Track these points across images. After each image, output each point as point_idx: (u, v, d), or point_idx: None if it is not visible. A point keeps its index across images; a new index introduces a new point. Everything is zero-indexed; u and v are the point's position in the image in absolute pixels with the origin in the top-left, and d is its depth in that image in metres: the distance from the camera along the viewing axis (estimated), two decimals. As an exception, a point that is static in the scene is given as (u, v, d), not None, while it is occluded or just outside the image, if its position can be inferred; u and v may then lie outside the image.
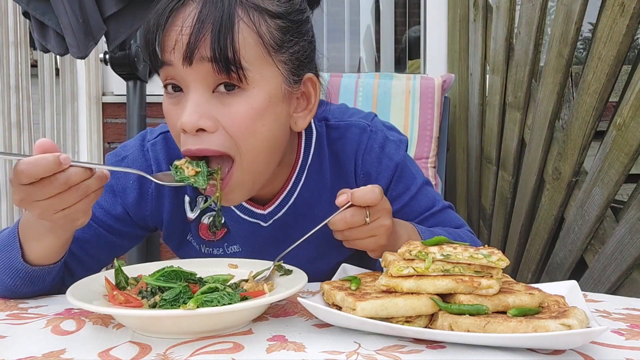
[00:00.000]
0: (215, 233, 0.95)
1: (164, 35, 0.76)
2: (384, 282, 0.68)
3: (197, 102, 0.75)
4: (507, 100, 1.83)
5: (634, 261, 1.20)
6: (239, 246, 0.96)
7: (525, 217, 1.69)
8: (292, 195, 0.93)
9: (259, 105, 0.77)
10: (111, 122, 2.57)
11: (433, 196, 0.99)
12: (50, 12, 1.62)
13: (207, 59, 0.74)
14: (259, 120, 0.77)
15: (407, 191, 0.95)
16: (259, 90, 0.77)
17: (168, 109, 0.80)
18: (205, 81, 0.76)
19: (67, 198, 0.69)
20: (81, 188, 0.70)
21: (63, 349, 0.63)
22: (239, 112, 0.76)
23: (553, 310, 0.65)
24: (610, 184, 1.26)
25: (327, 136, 0.94)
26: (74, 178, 0.68)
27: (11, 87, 2.53)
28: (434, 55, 2.45)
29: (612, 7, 1.22)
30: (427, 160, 1.93)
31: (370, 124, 0.95)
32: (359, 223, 0.77)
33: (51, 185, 0.67)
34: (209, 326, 0.67)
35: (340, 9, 2.82)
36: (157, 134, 0.95)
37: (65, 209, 0.70)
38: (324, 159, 0.94)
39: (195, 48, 0.74)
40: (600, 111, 1.33)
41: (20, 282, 0.81)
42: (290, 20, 0.80)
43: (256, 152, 0.79)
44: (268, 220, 0.94)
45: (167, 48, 0.76)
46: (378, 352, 0.60)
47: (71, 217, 0.72)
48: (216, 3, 0.75)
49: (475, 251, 0.67)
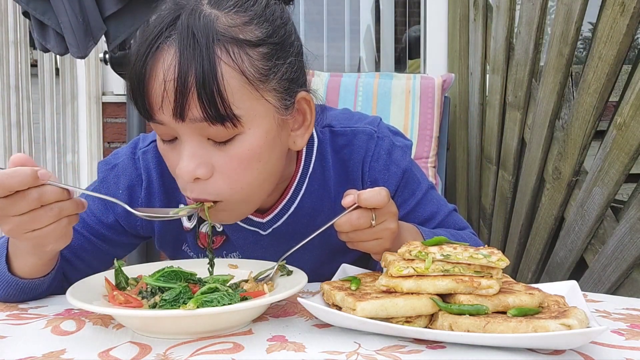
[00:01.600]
0: (213, 241, 0.94)
1: (147, 91, 0.72)
2: (384, 282, 0.68)
3: (192, 152, 0.73)
4: (507, 99, 1.83)
5: (634, 261, 1.20)
6: (238, 254, 0.95)
7: (525, 217, 1.69)
8: (292, 204, 0.91)
9: (257, 145, 0.75)
10: (111, 122, 2.58)
11: (438, 201, 0.99)
12: (50, 12, 1.62)
13: (199, 119, 0.70)
14: (255, 160, 0.76)
15: (412, 197, 0.95)
16: (254, 130, 0.74)
17: (164, 151, 0.79)
18: (199, 132, 0.73)
19: (39, 217, 0.67)
20: (54, 209, 0.68)
21: (63, 349, 0.63)
22: (236, 156, 0.74)
23: (553, 310, 0.65)
24: (610, 183, 1.26)
25: (333, 142, 0.93)
26: (48, 196, 0.67)
27: (11, 87, 2.53)
28: (434, 55, 2.45)
29: (613, 6, 1.22)
30: (427, 159, 1.93)
31: (377, 130, 0.93)
32: (364, 225, 0.76)
33: (24, 200, 0.66)
34: (209, 326, 0.67)
35: (340, 8, 2.82)
36: (149, 141, 0.93)
37: (36, 230, 0.68)
38: (327, 166, 0.92)
39: (184, 106, 0.70)
40: (600, 111, 1.32)
41: (14, 292, 0.80)
42: (273, 42, 0.75)
43: (251, 188, 0.78)
44: (267, 229, 0.92)
45: (155, 107, 0.72)
46: (378, 352, 0.60)
47: (41, 240, 0.70)
48: (194, 46, 0.69)
49: (475, 251, 0.67)
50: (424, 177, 0.99)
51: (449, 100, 2.06)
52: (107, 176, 0.92)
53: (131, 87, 0.74)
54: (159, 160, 0.90)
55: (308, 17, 2.79)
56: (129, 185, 0.91)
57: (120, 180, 0.91)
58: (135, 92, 0.73)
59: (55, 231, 0.70)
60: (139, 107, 0.74)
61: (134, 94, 0.74)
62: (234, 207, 0.79)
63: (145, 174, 0.91)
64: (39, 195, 0.66)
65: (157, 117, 0.73)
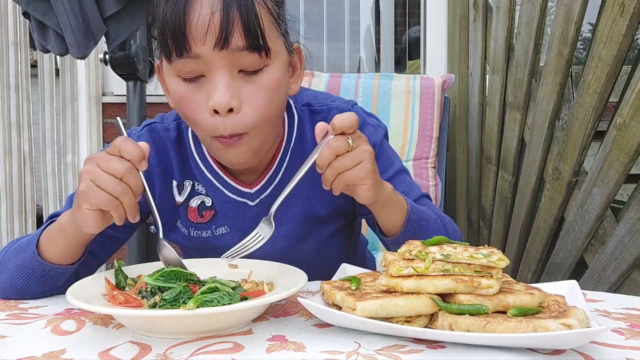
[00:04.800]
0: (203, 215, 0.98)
1: (189, 23, 0.78)
2: (384, 282, 0.68)
3: (227, 83, 0.80)
4: (507, 100, 1.83)
5: (634, 261, 1.20)
6: (226, 227, 0.98)
7: (525, 217, 1.69)
8: (277, 175, 0.97)
9: (279, 77, 0.84)
10: (111, 122, 2.57)
11: (410, 184, 1.00)
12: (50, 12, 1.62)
13: (241, 47, 0.79)
14: (277, 92, 0.84)
15: (382, 174, 0.96)
16: (277, 63, 0.84)
17: (187, 95, 0.83)
18: (232, 64, 0.80)
19: (111, 185, 0.73)
20: (124, 188, 0.74)
21: (63, 349, 0.63)
22: (264, 87, 0.82)
23: (553, 310, 0.65)
24: (610, 184, 1.26)
25: (311, 120, 0.99)
26: (130, 178, 0.74)
27: (11, 87, 2.53)
28: (434, 55, 2.45)
29: (612, 7, 1.22)
30: (427, 160, 1.93)
31: (350, 109, 1.00)
32: (343, 148, 0.77)
33: (119, 164, 0.73)
34: (209, 326, 0.67)
35: (340, 9, 2.82)
36: (141, 127, 0.99)
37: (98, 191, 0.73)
38: (307, 141, 0.98)
39: (229, 35, 0.77)
40: (600, 111, 1.33)
41: (34, 281, 0.83)
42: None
43: (272, 120, 0.86)
44: (255, 199, 0.97)
45: (195, 38, 0.78)
46: (378, 352, 0.60)
47: (88, 196, 0.74)
48: None
49: (475, 251, 0.67)
50: (399, 160, 1.02)
51: (449, 101, 2.06)
52: None
53: (162, 26, 0.79)
54: (154, 141, 0.97)
55: (308, 18, 2.79)
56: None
57: None
58: (169, 29, 0.79)
59: (101, 202, 0.74)
60: (173, 41, 0.79)
61: (168, 31, 0.79)
62: (258, 141, 0.86)
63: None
64: (128, 171, 0.74)
65: (194, 49, 0.78)
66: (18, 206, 2.58)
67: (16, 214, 2.58)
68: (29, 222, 2.62)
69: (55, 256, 0.82)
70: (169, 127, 0.99)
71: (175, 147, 0.97)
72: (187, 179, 0.97)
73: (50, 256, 0.82)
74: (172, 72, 0.83)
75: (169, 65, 0.83)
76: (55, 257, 0.82)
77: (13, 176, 2.56)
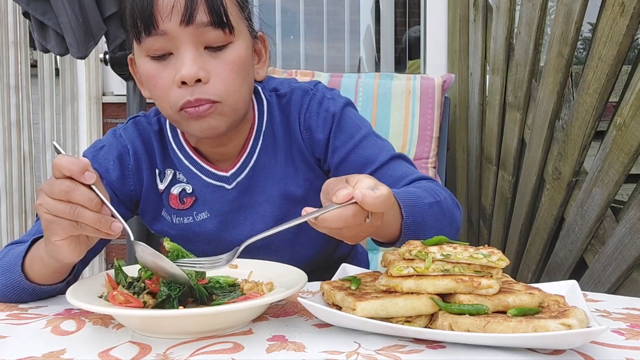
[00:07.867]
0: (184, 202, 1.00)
1: (155, 3, 0.83)
2: (384, 282, 0.68)
3: (193, 56, 0.84)
4: (507, 100, 1.83)
5: (634, 261, 1.20)
6: (207, 212, 1.00)
7: (525, 217, 1.69)
8: (251, 157, 0.99)
9: (243, 54, 0.89)
10: (111, 122, 2.57)
11: (379, 146, 0.98)
12: (50, 12, 1.62)
13: (205, 23, 0.84)
14: (242, 68, 0.89)
15: (349, 140, 0.98)
16: (241, 41, 0.89)
17: (155, 73, 0.87)
18: (198, 40, 0.85)
19: (59, 209, 0.69)
20: (74, 209, 0.69)
21: (63, 349, 0.64)
22: (229, 62, 0.87)
23: (553, 310, 0.65)
24: (610, 184, 1.26)
25: (278, 104, 1.03)
26: (76, 195, 0.68)
27: (11, 87, 2.53)
28: (434, 55, 2.45)
29: (612, 7, 1.22)
30: (427, 160, 1.93)
31: (312, 88, 1.03)
32: (358, 223, 0.67)
33: (57, 185, 0.69)
34: (209, 326, 0.67)
35: (340, 9, 2.82)
36: (126, 121, 1.04)
37: (58, 220, 0.69)
38: (276, 123, 1.02)
39: (194, 11, 0.83)
40: (600, 111, 1.33)
41: (27, 296, 0.84)
42: None
43: (240, 95, 0.90)
44: (232, 182, 0.99)
45: (162, 15, 0.83)
46: (378, 352, 0.60)
47: (55, 247, 0.72)
48: None
49: (475, 251, 0.67)
50: (367, 125, 1.02)
51: (449, 101, 2.06)
52: (96, 155, 1.00)
53: (132, 9, 0.85)
54: (140, 133, 1.01)
55: (308, 17, 2.78)
56: (118, 155, 0.99)
57: (109, 154, 0.99)
58: (138, 9, 0.84)
59: (66, 230, 0.70)
60: (142, 20, 0.84)
61: (137, 9, 0.84)
62: (229, 112, 0.89)
63: (130, 144, 1.00)
64: (69, 189, 0.68)
65: (161, 26, 0.84)
66: (18, 206, 2.58)
67: (16, 214, 2.58)
68: (29, 222, 2.62)
69: (44, 279, 0.82)
70: (151, 121, 1.03)
71: (157, 138, 1.01)
72: (169, 168, 1.01)
73: (39, 279, 0.82)
74: (142, 53, 0.87)
75: (139, 47, 0.87)
76: (44, 280, 0.82)
77: (13, 176, 2.56)
